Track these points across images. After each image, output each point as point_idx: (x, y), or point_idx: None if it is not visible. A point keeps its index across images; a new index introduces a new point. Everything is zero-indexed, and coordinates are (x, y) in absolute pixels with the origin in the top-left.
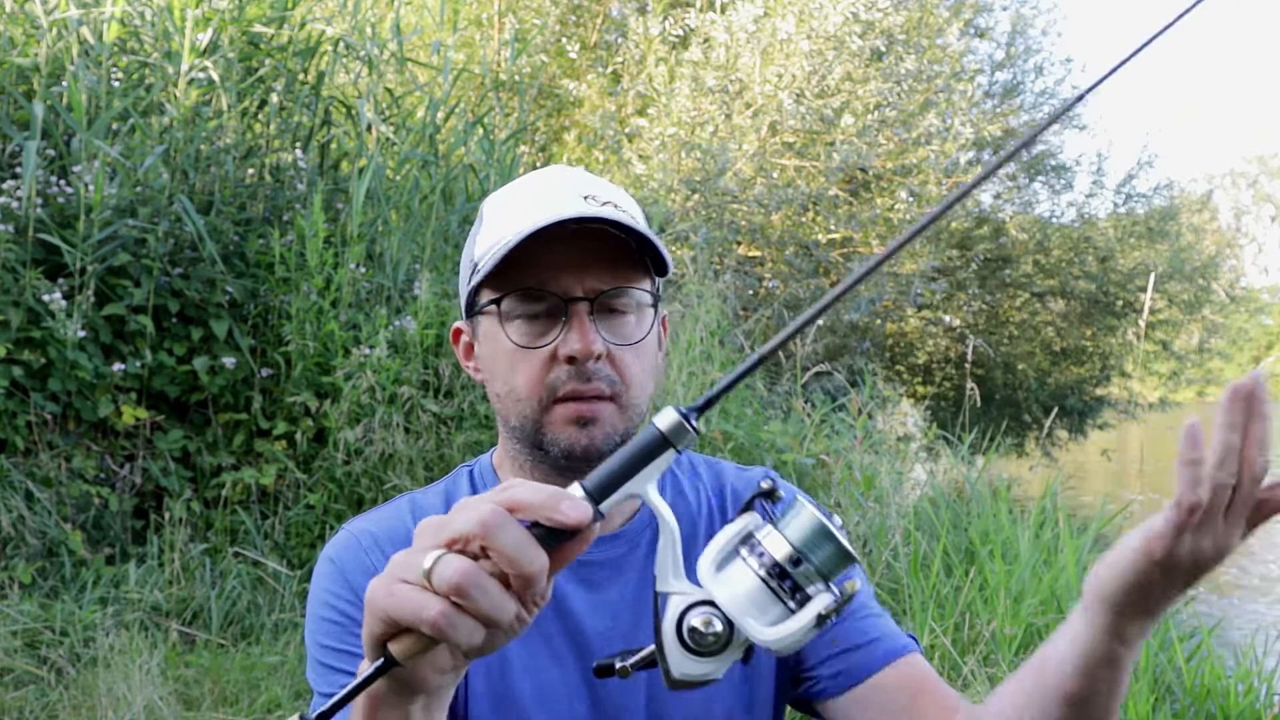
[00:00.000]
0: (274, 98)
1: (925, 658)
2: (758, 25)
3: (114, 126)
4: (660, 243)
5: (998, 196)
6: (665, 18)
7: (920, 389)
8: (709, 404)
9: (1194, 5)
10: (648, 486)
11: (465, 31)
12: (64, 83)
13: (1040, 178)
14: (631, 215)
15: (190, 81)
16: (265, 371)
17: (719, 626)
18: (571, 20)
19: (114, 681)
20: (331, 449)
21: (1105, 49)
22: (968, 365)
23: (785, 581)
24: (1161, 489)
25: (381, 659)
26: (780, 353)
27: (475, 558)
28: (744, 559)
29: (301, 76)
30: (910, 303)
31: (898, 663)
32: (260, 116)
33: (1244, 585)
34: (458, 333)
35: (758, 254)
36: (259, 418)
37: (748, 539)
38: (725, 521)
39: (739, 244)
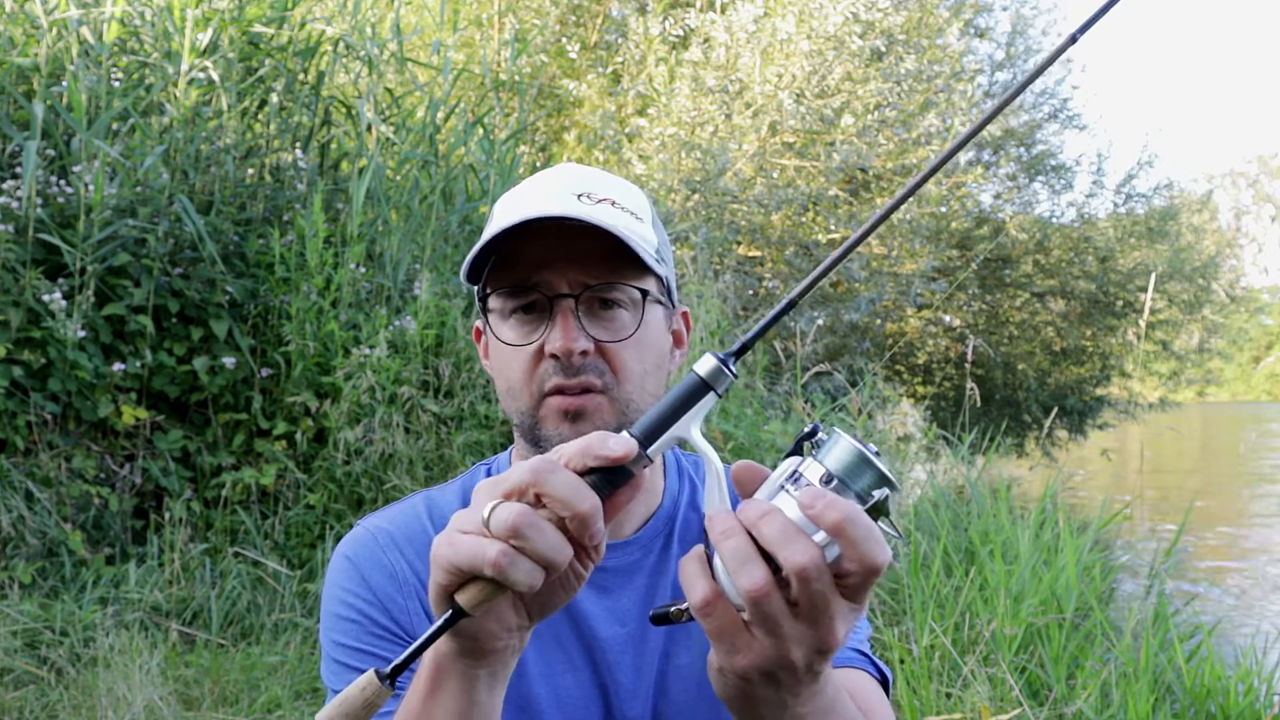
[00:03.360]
0: (274, 98)
1: (882, 685)
2: (758, 25)
3: (114, 126)
4: (644, 243)
5: (998, 197)
6: (665, 18)
7: (920, 389)
8: (744, 349)
9: None
10: (692, 428)
11: (465, 31)
12: (64, 83)
13: (1040, 178)
14: (632, 212)
15: (190, 81)
16: (265, 371)
17: None
18: (571, 20)
19: (114, 681)
20: (331, 449)
21: (1105, 49)
22: (968, 365)
23: None
24: (1161, 488)
25: (450, 610)
26: (780, 353)
27: (530, 506)
28: (786, 490)
29: (301, 76)
30: (910, 303)
31: (863, 672)
32: (260, 116)
33: (1249, 590)
34: (478, 332)
35: (758, 254)
36: (259, 418)
37: (793, 474)
38: None
39: (739, 244)
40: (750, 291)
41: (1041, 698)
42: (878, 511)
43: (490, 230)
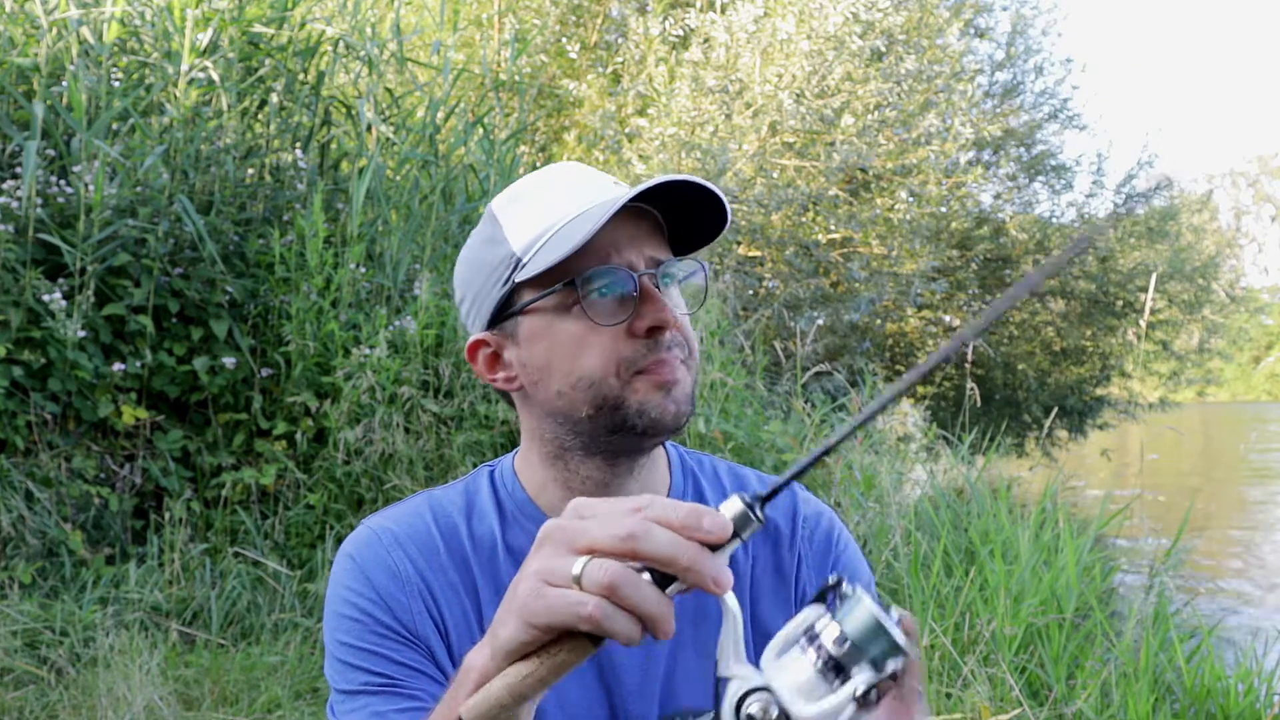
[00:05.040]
0: (274, 98)
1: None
2: (758, 25)
3: (114, 126)
4: (725, 199)
5: (998, 197)
6: (665, 18)
7: (920, 389)
8: (774, 493)
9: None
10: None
11: (465, 31)
12: (64, 83)
13: (1040, 178)
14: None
15: (190, 81)
16: (265, 371)
17: (775, 713)
18: (571, 20)
19: (114, 681)
20: (331, 449)
21: (1105, 49)
22: (968, 365)
23: (836, 668)
24: (1161, 488)
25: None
26: (780, 353)
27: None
28: (802, 648)
29: (301, 76)
30: (910, 303)
31: None
32: (260, 116)
33: (1249, 590)
34: (475, 347)
35: (758, 254)
36: (259, 418)
37: (809, 629)
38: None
39: (739, 244)
40: (750, 291)
41: (1041, 698)
42: (889, 683)
43: (555, 223)
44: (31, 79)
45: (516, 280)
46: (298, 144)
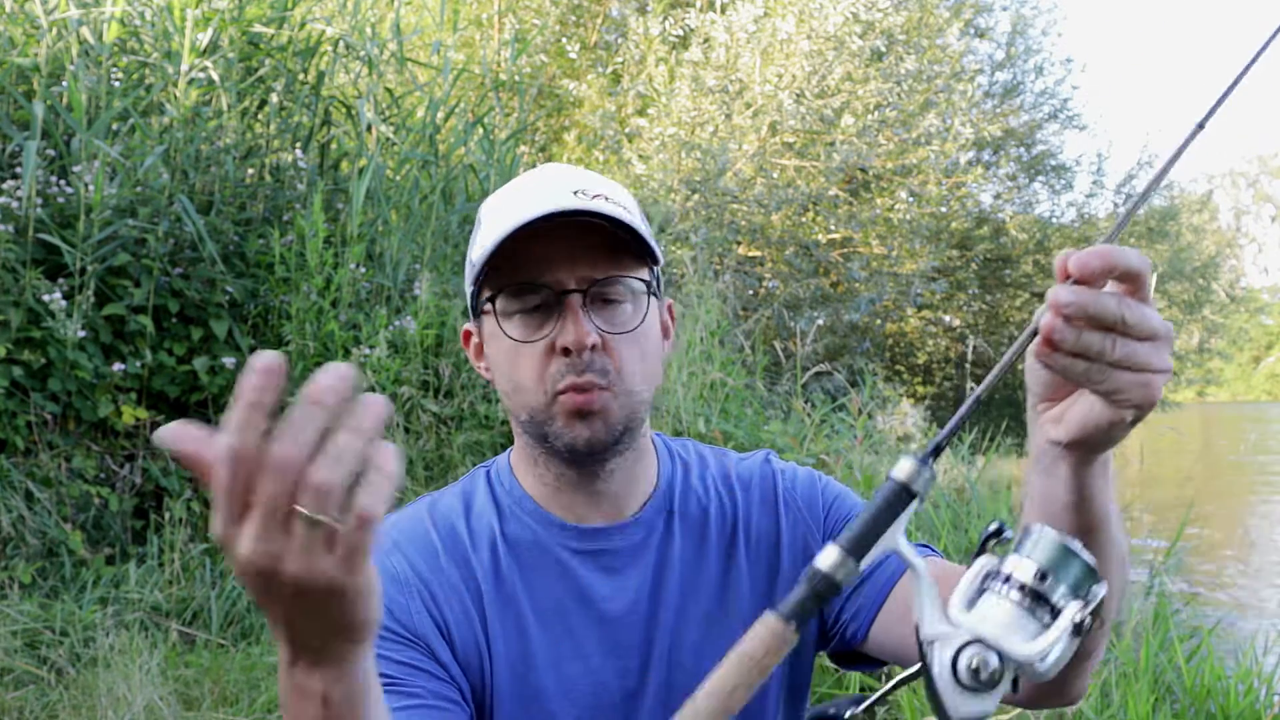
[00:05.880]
0: (274, 98)
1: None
2: (758, 25)
3: (114, 126)
4: (646, 232)
5: (998, 197)
6: (665, 18)
7: (920, 389)
8: (938, 449)
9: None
10: (899, 538)
11: (465, 31)
12: (64, 83)
13: (1040, 178)
14: (625, 208)
15: (190, 81)
16: None
17: (994, 662)
18: (571, 20)
19: (114, 681)
20: None
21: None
22: (968, 365)
23: (1038, 601)
24: (1161, 488)
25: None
26: (780, 353)
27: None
28: (993, 591)
29: (301, 76)
30: (910, 303)
31: (906, 573)
32: (260, 116)
33: (1249, 590)
34: (468, 335)
35: (758, 254)
36: None
37: (991, 574)
38: (735, 507)
39: (739, 244)
40: (750, 291)
41: None
42: (1099, 610)
43: (496, 231)
44: (31, 79)
45: (475, 284)
46: (298, 144)
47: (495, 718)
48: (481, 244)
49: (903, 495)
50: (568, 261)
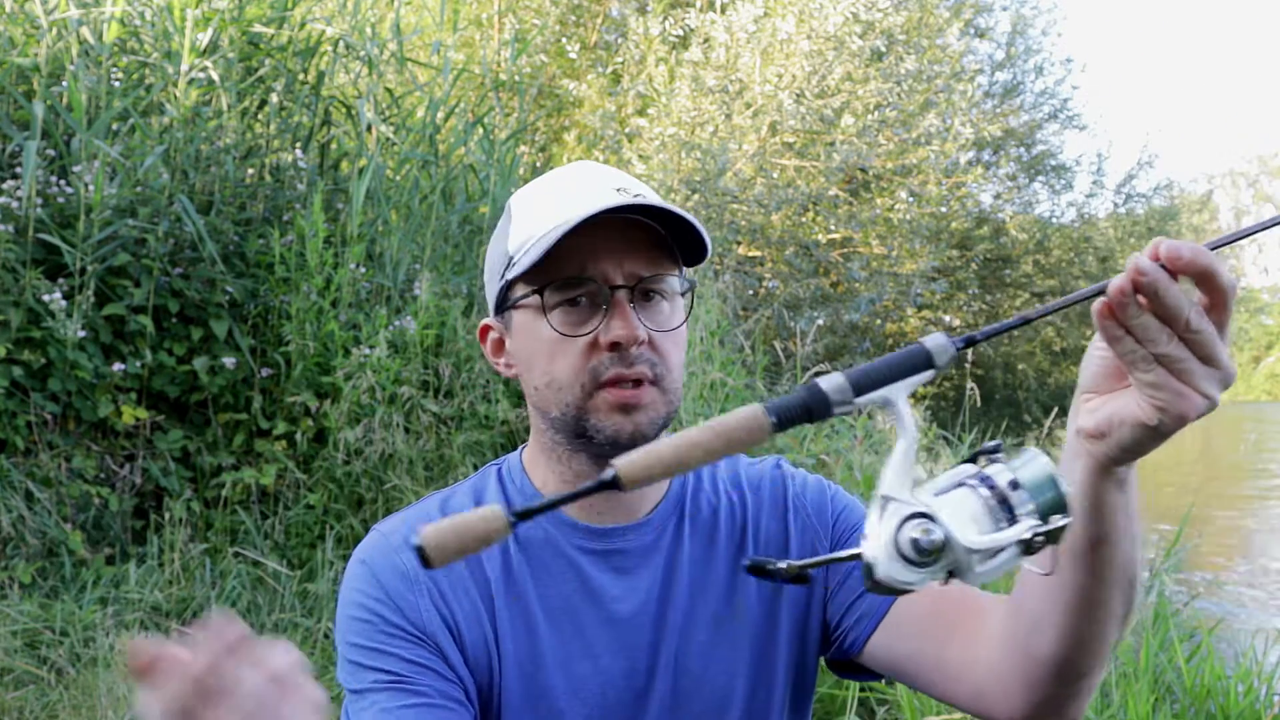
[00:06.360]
0: (274, 98)
1: None
2: (758, 25)
3: (114, 126)
4: (701, 225)
5: (998, 197)
6: (665, 18)
7: (920, 389)
8: (971, 341)
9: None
10: (901, 395)
11: (465, 31)
12: (64, 83)
13: (1040, 178)
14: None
15: (190, 81)
16: (265, 371)
17: (938, 537)
18: (571, 20)
19: (114, 681)
20: (331, 449)
21: (1105, 49)
22: (968, 365)
23: (1003, 505)
24: (1160, 487)
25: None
26: (780, 353)
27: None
28: (970, 486)
29: (301, 76)
30: (910, 303)
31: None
32: (260, 116)
33: (1249, 590)
34: (485, 330)
35: (758, 254)
36: (259, 418)
37: (972, 475)
38: (745, 510)
39: (739, 244)
40: (750, 291)
41: None
42: (1055, 537)
43: (543, 226)
44: (31, 79)
45: (509, 277)
46: (298, 144)
47: (504, 716)
48: (519, 238)
49: (921, 359)
50: (616, 257)
